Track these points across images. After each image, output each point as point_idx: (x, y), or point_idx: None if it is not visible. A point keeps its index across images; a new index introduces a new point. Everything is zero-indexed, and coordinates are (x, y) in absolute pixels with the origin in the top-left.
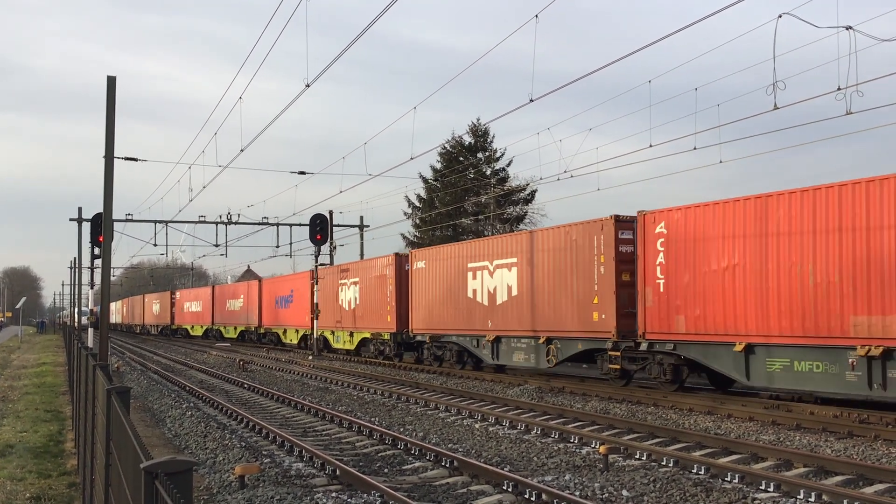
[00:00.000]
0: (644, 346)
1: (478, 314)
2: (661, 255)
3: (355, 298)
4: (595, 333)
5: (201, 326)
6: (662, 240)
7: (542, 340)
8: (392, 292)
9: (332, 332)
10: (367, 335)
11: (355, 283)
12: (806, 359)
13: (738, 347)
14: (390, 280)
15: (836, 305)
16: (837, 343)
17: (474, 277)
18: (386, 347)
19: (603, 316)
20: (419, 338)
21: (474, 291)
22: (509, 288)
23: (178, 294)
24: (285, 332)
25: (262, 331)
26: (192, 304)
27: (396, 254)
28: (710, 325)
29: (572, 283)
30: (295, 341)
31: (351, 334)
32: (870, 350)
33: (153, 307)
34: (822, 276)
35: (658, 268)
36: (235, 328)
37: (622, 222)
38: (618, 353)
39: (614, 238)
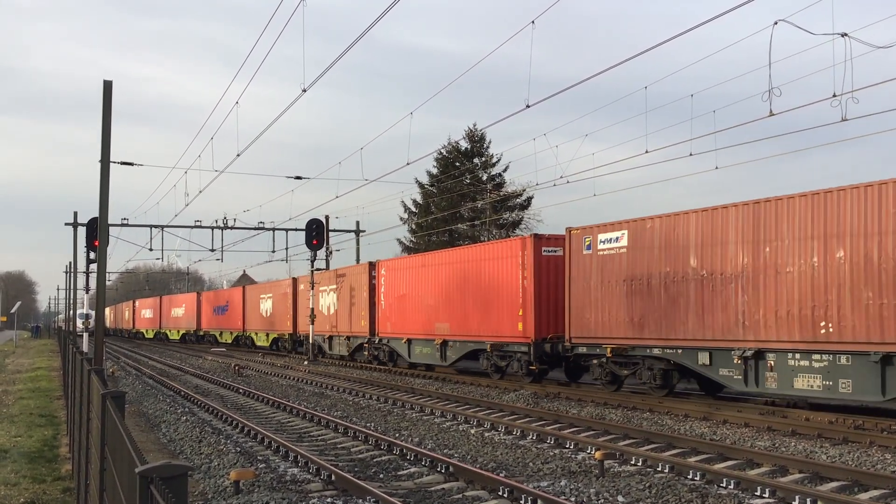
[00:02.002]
0: (376, 341)
1: (324, 321)
2: (384, 287)
3: (268, 310)
4: (363, 334)
5: (152, 330)
6: (384, 278)
7: (344, 337)
8: (290, 305)
9: (256, 333)
10: (276, 335)
11: (270, 298)
12: (425, 347)
13: (404, 340)
14: (290, 297)
15: (434, 317)
16: (430, 337)
17: (322, 297)
18: (286, 344)
19: (364, 323)
20: (302, 337)
21: (321, 305)
22: (334, 304)
23: (137, 303)
24: (221, 334)
25: (202, 333)
26: (147, 311)
27: (293, 278)
28: (397, 329)
29: (353, 303)
30: (230, 340)
31: (267, 335)
32: (439, 341)
33: (125, 314)
34: (432, 300)
35: (382, 294)
36: (178, 331)
37: (372, 266)
38: (367, 346)
39: (368, 275)
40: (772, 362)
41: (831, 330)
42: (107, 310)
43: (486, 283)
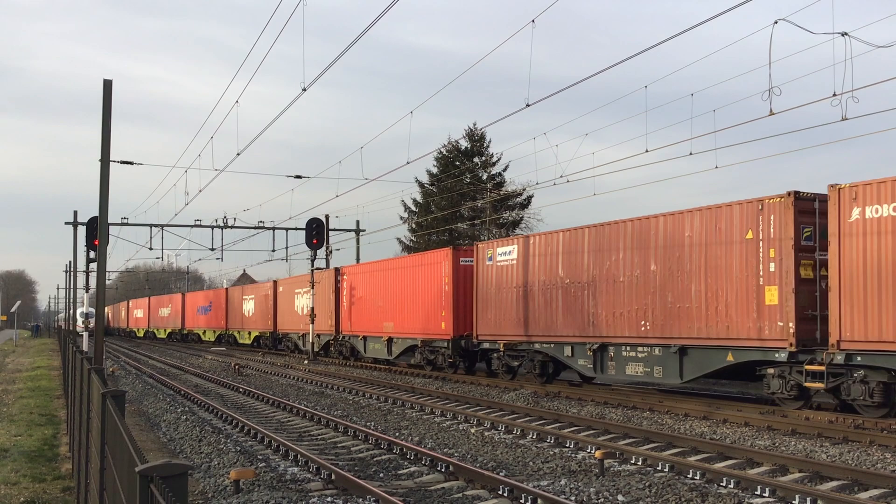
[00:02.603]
0: (341, 338)
1: (298, 320)
2: (345, 290)
3: (250, 310)
4: (330, 332)
5: (142, 329)
6: (346, 282)
7: (316, 335)
8: (271, 306)
9: (238, 332)
10: (258, 333)
11: (252, 299)
12: (376, 343)
13: (360, 338)
14: (270, 298)
15: (382, 317)
16: (380, 335)
17: (297, 298)
18: (267, 341)
19: (330, 322)
20: (280, 335)
21: (297, 306)
22: (308, 305)
23: (131, 303)
24: (204, 332)
25: (185, 332)
26: (138, 311)
27: (274, 281)
28: (355, 328)
29: (322, 304)
30: (212, 339)
31: (249, 333)
32: (386, 338)
33: (122, 313)
34: (381, 302)
35: (344, 297)
36: (165, 330)
37: (337, 271)
38: (333, 343)
39: (334, 279)
40: (611, 353)
41: (648, 327)
42: (107, 309)
43: (420, 288)
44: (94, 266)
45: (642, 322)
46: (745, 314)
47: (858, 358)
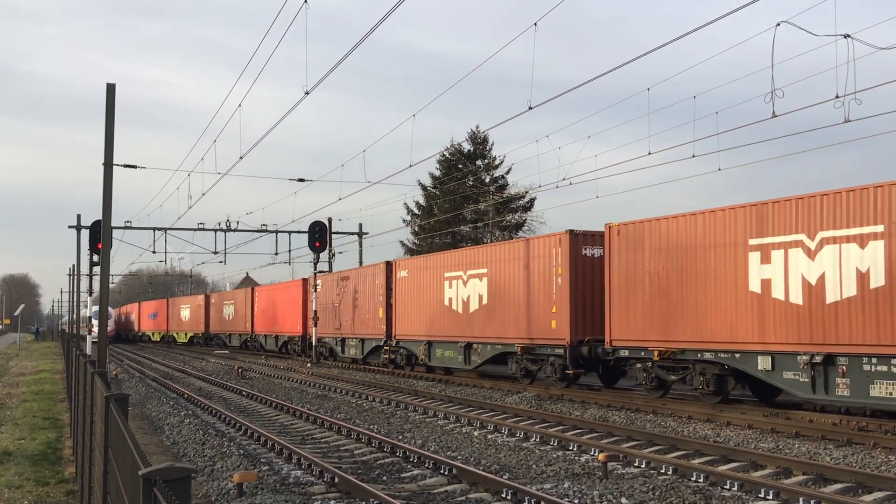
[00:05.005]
0: (252, 336)
1: (225, 324)
2: (258, 303)
3: (187, 316)
4: (248, 332)
5: (123, 332)
6: (258, 297)
7: (238, 335)
8: (203, 314)
9: (177, 333)
10: (192, 334)
11: (188, 308)
12: (271, 339)
13: (263, 335)
14: (203, 308)
15: (274, 321)
16: (273, 333)
17: (226, 307)
18: (200, 340)
19: (248, 325)
20: (212, 335)
21: (225, 314)
22: (232, 313)
23: (121, 309)
24: (153, 333)
25: (140, 333)
26: (122, 318)
27: (206, 294)
28: (262, 329)
29: (245, 312)
30: (158, 339)
31: (186, 334)
32: (275, 335)
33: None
34: (274, 312)
35: (256, 307)
36: (130, 333)
37: (254, 290)
38: (249, 339)
39: (251, 295)
40: (347, 342)
41: (354, 328)
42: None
43: (288, 303)
44: (97, 270)
45: (352, 326)
46: (373, 322)
47: (402, 343)
